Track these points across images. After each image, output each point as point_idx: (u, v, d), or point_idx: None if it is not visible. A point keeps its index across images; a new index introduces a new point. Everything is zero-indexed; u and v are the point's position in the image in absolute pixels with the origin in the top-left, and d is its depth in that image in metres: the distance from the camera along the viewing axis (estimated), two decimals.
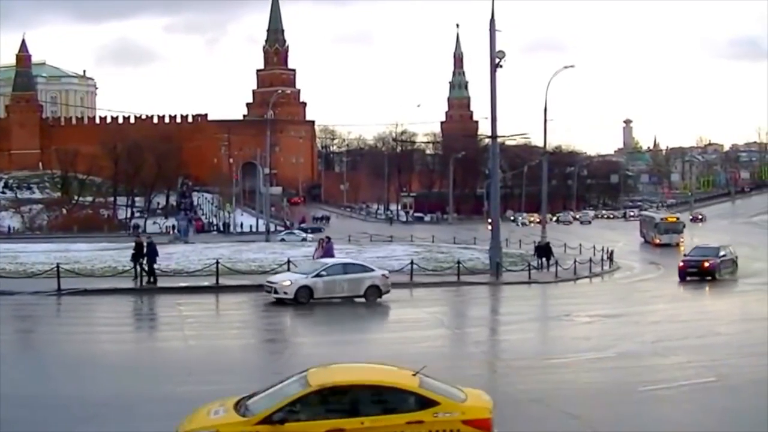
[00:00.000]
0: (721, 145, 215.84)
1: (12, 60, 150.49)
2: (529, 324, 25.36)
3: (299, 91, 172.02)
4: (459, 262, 39.05)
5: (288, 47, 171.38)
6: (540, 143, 72.11)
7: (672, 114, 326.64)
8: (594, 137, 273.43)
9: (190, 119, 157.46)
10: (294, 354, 19.23)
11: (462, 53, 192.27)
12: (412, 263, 37.28)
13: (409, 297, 31.98)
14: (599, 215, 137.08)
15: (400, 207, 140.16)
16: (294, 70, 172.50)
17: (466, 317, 27.74)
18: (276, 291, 27.42)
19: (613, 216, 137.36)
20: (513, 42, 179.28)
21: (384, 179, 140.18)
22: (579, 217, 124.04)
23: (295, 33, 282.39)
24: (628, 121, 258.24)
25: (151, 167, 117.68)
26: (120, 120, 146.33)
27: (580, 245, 58.23)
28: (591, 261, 45.46)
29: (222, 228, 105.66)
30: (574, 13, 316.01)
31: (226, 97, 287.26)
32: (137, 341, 21.64)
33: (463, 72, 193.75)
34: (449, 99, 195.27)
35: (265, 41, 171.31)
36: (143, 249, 32.17)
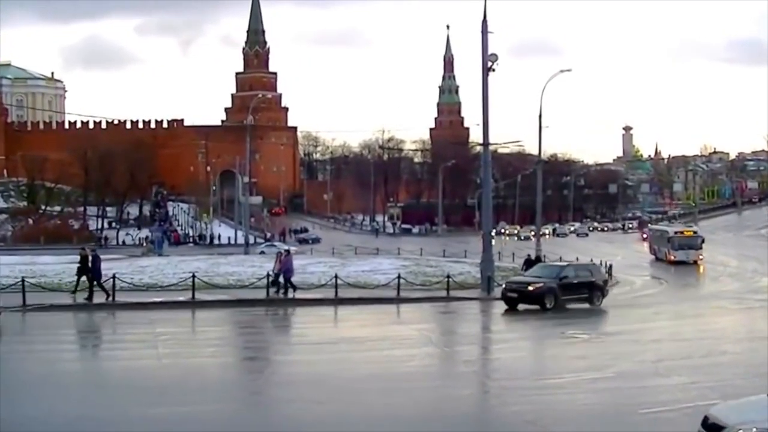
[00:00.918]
0: (727, 153, 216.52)
1: None
2: (523, 342, 25.35)
3: (281, 96, 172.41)
4: (449, 276, 39.02)
5: (269, 49, 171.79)
6: (534, 151, 72.12)
7: (674, 120, 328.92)
8: (592, 145, 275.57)
9: (165, 125, 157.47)
10: (274, 372, 19.15)
11: (452, 56, 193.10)
12: (399, 277, 37.24)
13: (396, 313, 31.91)
14: (597, 227, 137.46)
15: (386, 218, 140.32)
16: (275, 73, 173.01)
17: (455, 334, 27.70)
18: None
19: (612, 228, 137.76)
20: (506, 44, 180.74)
21: (370, 189, 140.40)
22: (575, 229, 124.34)
23: (277, 34, 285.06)
24: (627, 128, 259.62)
25: (124, 175, 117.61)
26: (91, 125, 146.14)
27: (576, 259, 58.30)
28: None
29: (198, 240, 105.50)
30: (569, 15, 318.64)
31: (203, 102, 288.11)
32: (106, 360, 21.50)
33: (454, 76, 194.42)
34: (439, 104, 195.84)
35: (245, 42, 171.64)
36: (88, 262, 31.68)
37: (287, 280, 34.43)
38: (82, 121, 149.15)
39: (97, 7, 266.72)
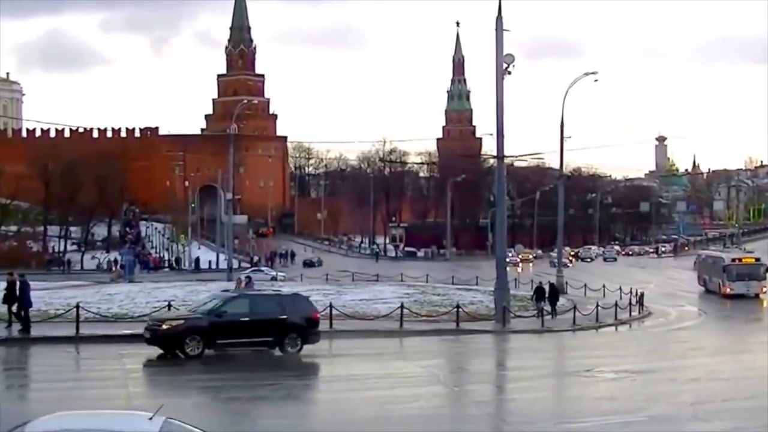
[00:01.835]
0: None
1: None
2: (542, 381, 25.31)
3: (269, 101, 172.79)
4: (458, 306, 39.11)
5: (255, 48, 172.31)
6: (555, 164, 72.23)
7: (715, 130, 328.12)
8: (620, 158, 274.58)
9: (137, 133, 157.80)
10: (260, 415, 19.14)
11: (463, 57, 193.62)
12: (402, 307, 37.25)
13: (399, 347, 31.90)
14: (626, 251, 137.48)
15: (388, 240, 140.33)
16: (262, 75, 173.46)
17: (466, 372, 27.69)
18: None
19: (644, 252, 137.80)
20: (522, 44, 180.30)
21: (369, 207, 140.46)
22: (602, 253, 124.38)
23: (264, 33, 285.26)
24: (661, 139, 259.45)
25: (90, 191, 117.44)
26: (52, 133, 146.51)
27: (603, 286, 58.38)
28: (616, 306, 45.52)
29: (175, 264, 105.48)
30: (591, 11, 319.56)
31: (180, 109, 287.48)
32: (70, 400, 21.45)
33: (464, 79, 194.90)
34: (447, 111, 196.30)
35: (228, 41, 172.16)
36: (15, 289, 31.31)
37: None
38: (42, 129, 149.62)
39: (56, 0, 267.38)
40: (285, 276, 79.09)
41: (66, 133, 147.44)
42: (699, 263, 70.67)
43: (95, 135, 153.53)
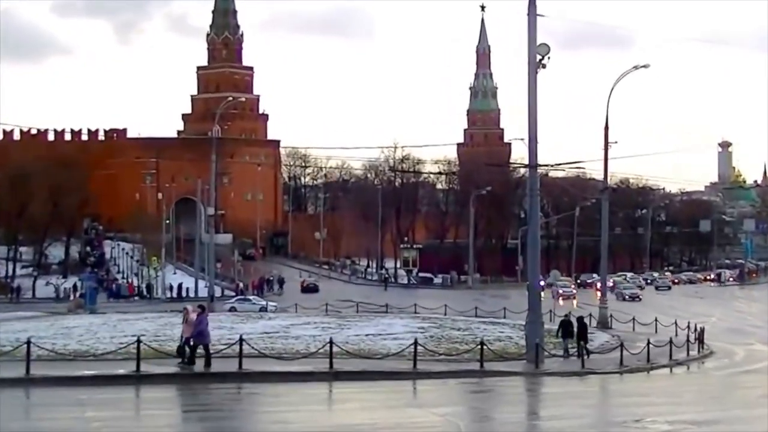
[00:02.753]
0: None
1: None
2: None
3: (258, 99, 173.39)
4: (482, 342, 38.99)
5: (243, 35, 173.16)
6: (598, 175, 72.26)
7: None
8: (676, 167, 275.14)
9: (101, 136, 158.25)
10: None
11: (488, 47, 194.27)
12: (415, 344, 37.16)
13: (412, 392, 31.86)
14: (682, 279, 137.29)
15: (399, 264, 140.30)
16: (251, 68, 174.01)
17: (492, 422, 27.63)
18: None
19: (704, 279, 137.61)
20: (558, 33, 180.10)
21: (377, 224, 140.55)
22: (655, 281, 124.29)
23: (253, 18, 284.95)
24: (725, 144, 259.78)
25: (44, 204, 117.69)
26: None
27: (655, 320, 58.27)
28: (671, 343, 45.43)
29: (146, 292, 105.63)
30: None
31: (152, 107, 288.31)
32: None
33: (490, 73, 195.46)
34: (470, 111, 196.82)
35: (210, 27, 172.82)
36: None
37: (200, 346, 33.82)
38: None
39: None
40: (276, 306, 79.14)
41: (15, 135, 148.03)
42: None
43: (50, 137, 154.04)
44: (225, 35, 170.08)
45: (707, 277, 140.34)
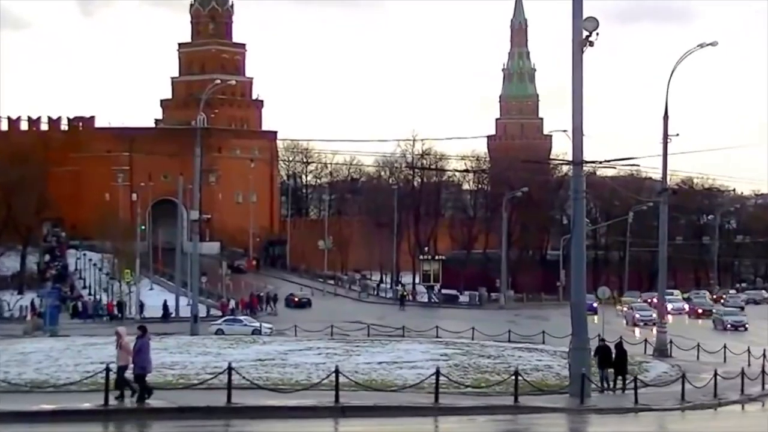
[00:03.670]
0: None
1: None
2: None
3: (251, 82, 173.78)
4: (517, 372, 38.94)
5: (233, 6, 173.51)
6: (655, 174, 72.17)
7: None
8: (749, 165, 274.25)
9: (64, 125, 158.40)
10: None
11: (525, 21, 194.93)
12: (437, 374, 37.17)
13: (433, 431, 31.88)
14: (753, 298, 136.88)
15: (418, 279, 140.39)
16: (243, 45, 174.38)
17: None
18: None
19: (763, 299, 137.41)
20: (607, 6, 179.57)
21: (392, 232, 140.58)
22: (724, 300, 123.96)
23: None
24: None
25: None
26: None
27: (724, 347, 58.14)
28: (743, 375, 45.36)
29: (117, 310, 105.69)
30: None
31: (125, 91, 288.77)
32: None
33: (527, 52, 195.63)
34: (503, 98, 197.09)
35: None
36: None
37: (139, 377, 32.98)
38: None
39: None
40: (272, 328, 79.24)
41: None
42: None
43: (4, 127, 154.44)
44: (212, 6, 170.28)
45: None
